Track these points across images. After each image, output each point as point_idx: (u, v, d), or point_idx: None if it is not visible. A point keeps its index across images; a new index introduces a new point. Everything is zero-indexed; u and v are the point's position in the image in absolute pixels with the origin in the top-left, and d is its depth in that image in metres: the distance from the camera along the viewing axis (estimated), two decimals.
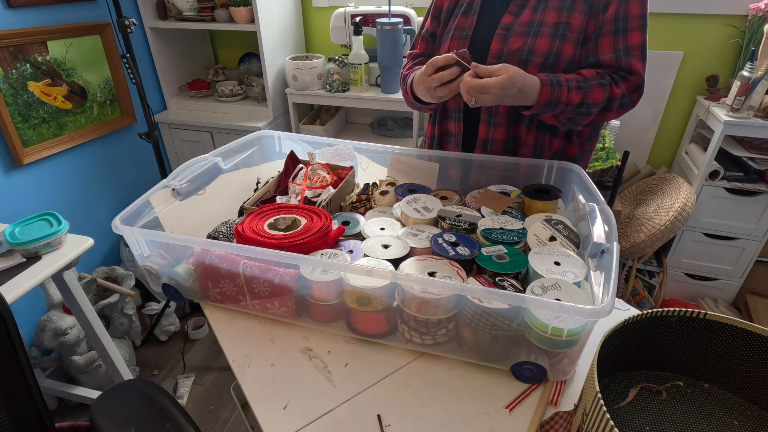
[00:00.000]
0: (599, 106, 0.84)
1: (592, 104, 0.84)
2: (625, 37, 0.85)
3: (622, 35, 0.85)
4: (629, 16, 0.85)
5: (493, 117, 0.96)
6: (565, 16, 0.87)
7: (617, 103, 0.86)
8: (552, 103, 0.82)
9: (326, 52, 2.27)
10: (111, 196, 2.06)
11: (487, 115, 0.96)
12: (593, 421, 0.49)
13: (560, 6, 0.87)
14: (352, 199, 0.98)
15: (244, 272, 0.74)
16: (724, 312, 1.93)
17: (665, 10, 1.82)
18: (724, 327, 0.59)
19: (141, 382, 0.78)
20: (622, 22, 0.85)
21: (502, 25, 0.91)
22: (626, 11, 0.85)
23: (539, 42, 0.87)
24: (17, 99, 1.60)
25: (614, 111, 0.87)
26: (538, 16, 0.88)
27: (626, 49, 0.85)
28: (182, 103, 2.25)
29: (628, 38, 0.85)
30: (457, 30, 0.97)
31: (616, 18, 0.85)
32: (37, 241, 1.14)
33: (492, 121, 0.96)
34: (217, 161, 0.99)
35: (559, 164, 0.92)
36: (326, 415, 0.64)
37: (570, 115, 0.85)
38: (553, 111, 0.84)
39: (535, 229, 0.79)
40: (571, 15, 0.87)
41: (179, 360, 1.92)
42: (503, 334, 0.65)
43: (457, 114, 1.00)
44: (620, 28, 0.85)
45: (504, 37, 0.91)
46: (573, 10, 0.87)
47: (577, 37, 0.87)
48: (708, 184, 1.75)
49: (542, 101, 0.81)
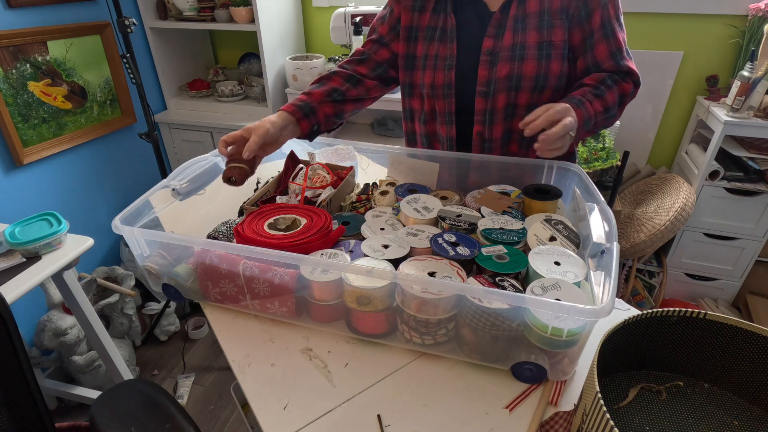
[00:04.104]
0: (616, 104, 0.87)
1: (612, 105, 0.86)
2: (614, 40, 0.87)
3: (612, 39, 0.87)
4: (611, 18, 0.86)
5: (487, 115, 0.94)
6: (546, 35, 0.86)
7: (627, 98, 0.89)
8: (586, 120, 0.82)
9: (326, 52, 2.27)
10: (111, 196, 2.06)
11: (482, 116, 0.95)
12: (593, 421, 0.49)
13: (539, 24, 0.86)
14: (352, 199, 0.98)
15: (244, 272, 0.74)
16: (724, 312, 1.93)
17: (665, 10, 1.82)
18: (724, 327, 0.59)
19: (141, 382, 0.78)
20: (608, 26, 0.86)
21: (485, 50, 0.89)
22: (608, 15, 0.86)
23: (526, 66, 0.87)
24: (17, 99, 1.60)
25: (625, 105, 0.90)
26: (519, 38, 0.87)
27: (618, 51, 0.87)
28: (182, 103, 2.25)
29: (616, 41, 0.87)
30: (438, 60, 0.94)
31: (602, 23, 0.86)
32: (37, 241, 1.14)
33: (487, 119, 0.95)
34: (217, 161, 0.99)
35: (559, 164, 0.92)
36: (326, 415, 0.64)
37: (601, 123, 0.87)
38: (588, 127, 0.85)
39: (535, 229, 0.79)
40: (552, 32, 0.86)
41: (179, 360, 1.92)
42: (503, 334, 0.65)
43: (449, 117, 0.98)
44: (608, 32, 0.87)
45: (489, 63, 0.89)
46: (553, 27, 0.86)
47: (562, 53, 0.87)
48: (708, 184, 1.75)
49: (580, 124, 0.81)
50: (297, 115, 0.91)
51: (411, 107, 1.05)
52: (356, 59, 1.03)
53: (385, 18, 1.01)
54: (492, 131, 0.95)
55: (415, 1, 0.96)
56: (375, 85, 1.03)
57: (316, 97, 0.95)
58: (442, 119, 0.98)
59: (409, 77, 1.00)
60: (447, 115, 0.97)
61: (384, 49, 1.02)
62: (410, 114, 1.07)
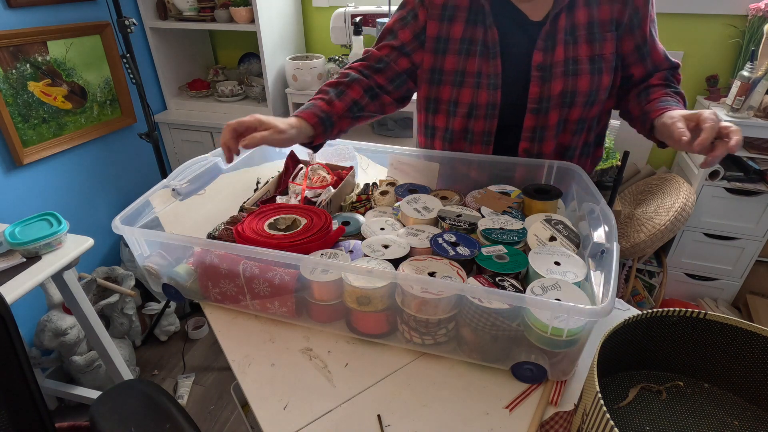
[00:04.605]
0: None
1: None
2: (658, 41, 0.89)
3: (658, 40, 0.89)
4: (653, 21, 0.87)
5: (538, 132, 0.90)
6: (598, 48, 0.83)
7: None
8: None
9: (326, 52, 2.27)
10: (111, 196, 2.06)
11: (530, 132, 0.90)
12: (593, 421, 0.49)
13: (590, 37, 0.83)
14: (352, 199, 0.98)
15: (244, 272, 0.74)
16: (724, 312, 1.93)
17: (665, 9, 1.82)
18: (724, 327, 0.59)
19: (141, 382, 0.78)
20: (653, 28, 0.87)
21: (535, 65, 0.84)
22: (651, 18, 0.86)
23: (581, 82, 0.84)
24: (17, 99, 1.60)
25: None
26: (571, 52, 0.83)
27: (665, 51, 0.89)
28: (182, 103, 2.25)
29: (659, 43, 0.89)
30: (481, 78, 0.86)
31: (650, 28, 0.86)
32: (37, 241, 1.14)
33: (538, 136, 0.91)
34: (217, 161, 0.99)
35: (559, 164, 0.92)
36: (326, 415, 0.64)
37: None
38: None
39: (535, 229, 0.79)
40: (603, 45, 0.83)
41: (179, 360, 1.92)
42: (503, 334, 0.65)
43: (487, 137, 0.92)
44: (654, 35, 0.88)
45: (541, 79, 0.84)
46: (604, 40, 0.83)
47: (611, 65, 0.85)
48: (708, 184, 1.75)
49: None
50: (318, 130, 0.84)
51: (433, 125, 0.98)
52: (374, 66, 0.93)
53: (407, 22, 0.91)
54: (542, 147, 0.91)
55: (444, 10, 0.87)
56: (390, 103, 0.95)
57: (337, 110, 0.87)
58: (478, 138, 0.93)
59: (435, 92, 0.93)
60: (485, 135, 0.92)
61: (404, 59, 0.93)
62: (431, 132, 1.00)
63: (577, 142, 0.93)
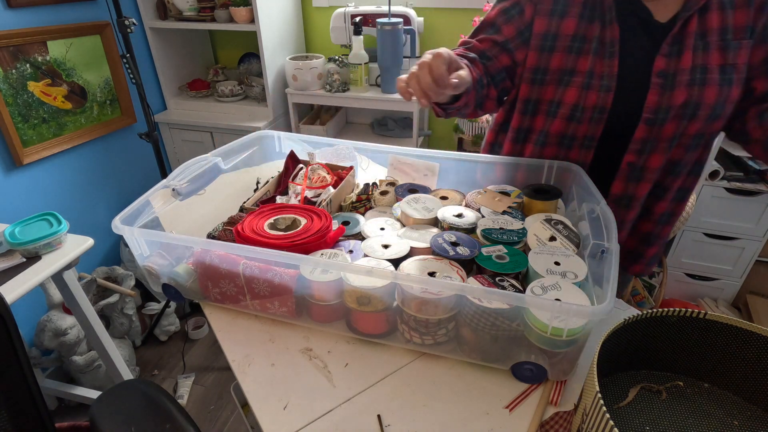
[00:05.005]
0: None
1: None
2: None
3: None
4: None
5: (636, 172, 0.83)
6: (732, 56, 0.74)
7: None
8: None
9: (326, 52, 2.27)
10: (111, 196, 2.06)
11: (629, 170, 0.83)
12: (593, 421, 0.49)
13: (723, 44, 0.74)
14: (352, 199, 0.98)
15: (244, 272, 0.74)
16: (724, 312, 1.93)
17: None
18: (724, 327, 0.59)
19: (141, 382, 0.78)
20: None
21: (657, 72, 0.75)
22: None
23: (708, 93, 0.74)
24: (17, 99, 1.60)
25: None
26: (700, 59, 0.74)
27: None
28: (182, 103, 2.25)
29: None
30: (592, 78, 0.78)
31: None
32: (37, 241, 1.14)
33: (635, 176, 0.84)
34: (217, 161, 0.99)
35: (559, 164, 0.92)
36: (326, 415, 0.64)
37: None
38: None
39: (535, 229, 0.79)
40: (737, 54, 0.74)
41: (179, 360, 1.92)
42: (503, 334, 0.65)
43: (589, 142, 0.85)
44: None
45: (662, 87, 0.75)
46: (738, 48, 0.74)
47: (742, 77, 0.76)
48: (708, 184, 1.75)
49: None
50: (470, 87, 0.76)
51: (529, 127, 0.90)
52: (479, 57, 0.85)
53: (511, 16, 0.83)
54: (649, 161, 0.82)
55: (555, 5, 0.79)
56: (494, 98, 0.86)
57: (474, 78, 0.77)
58: (578, 143, 0.86)
59: (536, 93, 0.85)
60: (587, 139, 0.84)
61: (506, 56, 0.84)
62: (524, 135, 0.92)
63: (689, 159, 0.84)
